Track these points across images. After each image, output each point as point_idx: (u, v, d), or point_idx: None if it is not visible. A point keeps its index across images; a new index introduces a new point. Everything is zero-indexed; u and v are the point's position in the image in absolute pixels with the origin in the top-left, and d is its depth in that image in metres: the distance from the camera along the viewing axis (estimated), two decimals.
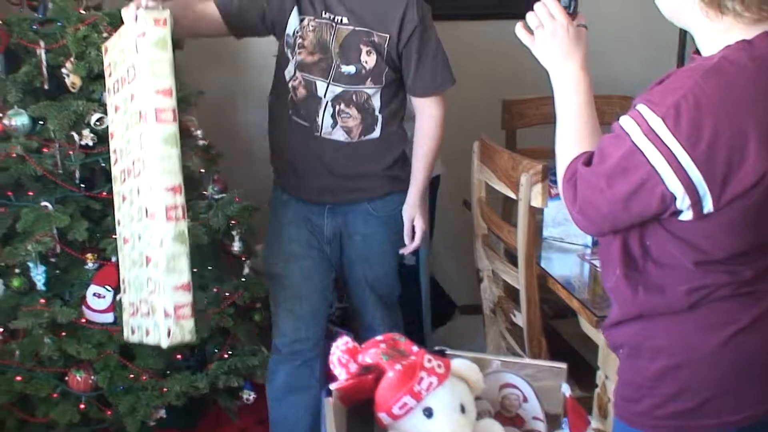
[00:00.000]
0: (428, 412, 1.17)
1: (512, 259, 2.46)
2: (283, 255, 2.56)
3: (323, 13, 2.39)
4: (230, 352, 2.84)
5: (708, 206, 1.34)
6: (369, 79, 2.41)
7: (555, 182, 2.23)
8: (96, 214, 2.66)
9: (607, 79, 2.85)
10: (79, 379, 2.59)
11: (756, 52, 1.36)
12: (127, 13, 2.03)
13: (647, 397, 1.51)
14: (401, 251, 2.60)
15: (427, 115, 2.52)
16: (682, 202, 1.34)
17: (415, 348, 1.23)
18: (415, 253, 2.82)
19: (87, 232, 2.58)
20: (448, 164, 3.19)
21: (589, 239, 2.54)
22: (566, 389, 1.50)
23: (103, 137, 2.57)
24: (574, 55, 1.55)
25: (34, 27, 2.70)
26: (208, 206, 2.80)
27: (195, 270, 2.14)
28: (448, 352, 1.37)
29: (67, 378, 2.62)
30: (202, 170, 2.90)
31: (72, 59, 2.61)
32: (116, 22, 2.58)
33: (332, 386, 1.18)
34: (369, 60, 2.40)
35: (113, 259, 2.59)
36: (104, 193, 2.61)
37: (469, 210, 2.80)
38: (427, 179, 2.57)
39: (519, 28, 1.59)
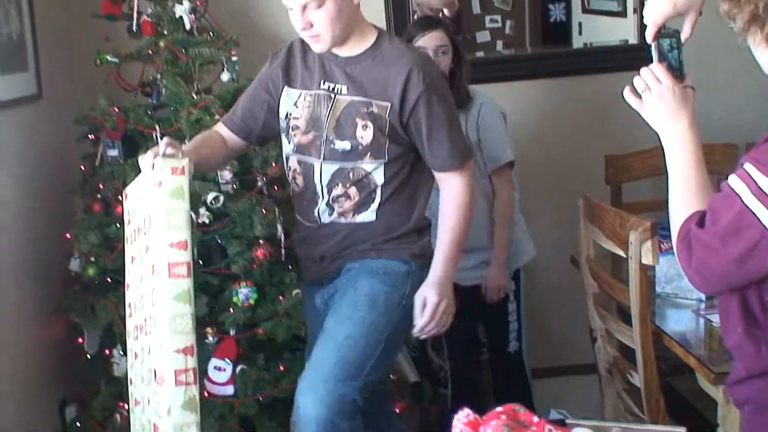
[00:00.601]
0: None
1: (625, 317, 2.43)
2: None
3: (322, 83, 2.25)
4: None
5: None
6: (368, 155, 2.22)
7: (665, 237, 2.22)
8: (214, 288, 2.76)
9: (711, 124, 2.82)
10: None
11: None
12: (144, 161, 2.02)
13: None
14: (413, 332, 2.27)
15: (450, 185, 2.28)
16: None
17: (535, 419, 1.25)
18: (518, 339, 2.82)
19: (207, 307, 2.67)
20: (553, 220, 3.19)
21: (702, 294, 2.49)
22: None
23: (218, 215, 2.68)
24: (682, 116, 1.56)
25: (149, 113, 2.87)
26: None
27: None
28: (569, 421, 1.38)
29: None
30: None
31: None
32: (226, 105, 2.73)
33: None
34: (365, 135, 2.21)
35: (231, 332, 2.69)
36: (222, 269, 2.72)
37: (578, 268, 2.78)
38: (454, 258, 2.26)
39: (627, 93, 1.61)
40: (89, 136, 2.93)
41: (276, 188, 2.90)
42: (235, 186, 2.78)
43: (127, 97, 2.99)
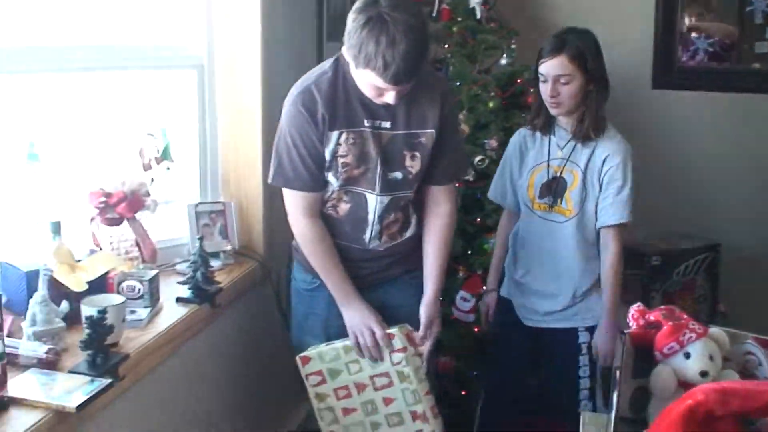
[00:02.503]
0: (687, 355, 1.63)
1: None
2: None
3: (365, 121, 2.27)
4: None
5: None
6: (416, 182, 2.37)
7: None
8: (468, 235, 3.32)
9: None
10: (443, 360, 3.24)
11: None
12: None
13: None
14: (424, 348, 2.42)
15: (446, 204, 2.44)
16: None
17: (685, 315, 1.68)
18: (592, 399, 2.70)
19: (461, 249, 3.24)
20: None
21: None
22: None
23: (481, 175, 3.23)
24: None
25: None
26: None
27: None
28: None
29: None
30: None
31: (464, 112, 3.31)
32: (501, 85, 3.26)
33: (626, 331, 1.67)
34: (414, 165, 2.34)
35: (478, 272, 3.24)
36: (478, 219, 3.27)
37: None
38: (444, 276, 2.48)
39: None
40: None
41: None
42: (497, 152, 3.30)
43: None
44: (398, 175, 2.33)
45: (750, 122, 3.93)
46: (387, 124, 2.29)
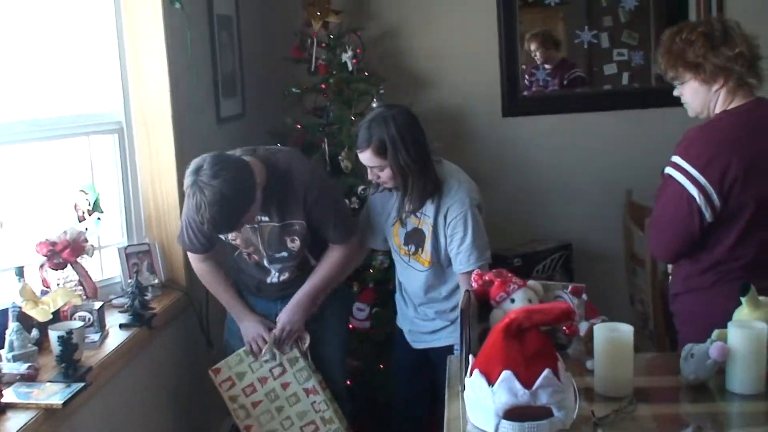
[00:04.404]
0: (512, 301, 2.27)
1: None
2: None
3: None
4: None
5: None
6: (301, 253, 2.95)
7: None
8: None
9: None
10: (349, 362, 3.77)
11: None
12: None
13: None
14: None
15: (339, 247, 2.99)
16: None
17: (509, 274, 2.32)
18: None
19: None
20: None
21: None
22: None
23: (362, 200, 3.79)
24: None
25: (321, 129, 4.03)
26: None
27: None
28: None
29: None
30: None
31: (345, 150, 3.88)
32: None
33: (468, 289, 2.28)
34: (295, 245, 2.90)
35: (370, 285, 3.80)
36: None
37: None
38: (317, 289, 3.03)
39: None
40: (277, 144, 4.08)
41: None
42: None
43: (305, 118, 4.16)
44: (284, 253, 2.93)
45: (589, 137, 4.65)
46: (265, 218, 2.84)
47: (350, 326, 3.78)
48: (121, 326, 2.86)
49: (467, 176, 3.02)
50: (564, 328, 2.26)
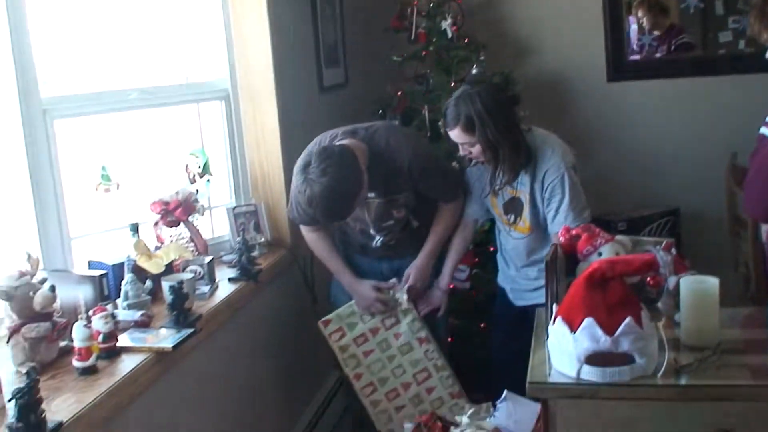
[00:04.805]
0: (600, 254, 2.29)
1: None
2: None
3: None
4: None
5: None
6: (405, 219, 3.08)
7: None
8: None
9: None
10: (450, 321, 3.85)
11: None
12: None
13: None
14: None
15: (449, 205, 3.14)
16: None
17: (598, 230, 2.33)
18: None
19: None
20: None
21: None
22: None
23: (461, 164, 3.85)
24: None
25: (422, 95, 4.10)
26: None
27: None
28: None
29: None
30: None
31: None
32: None
33: (556, 242, 2.31)
34: (400, 214, 3.04)
35: (470, 246, 3.86)
36: None
37: None
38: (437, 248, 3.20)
39: None
40: (379, 111, 4.20)
41: None
42: None
43: (406, 86, 4.23)
44: (390, 222, 3.06)
45: (696, 102, 4.56)
46: (372, 195, 2.95)
47: (450, 286, 3.85)
48: (229, 280, 3.04)
49: (559, 140, 3.04)
50: (648, 279, 2.28)
